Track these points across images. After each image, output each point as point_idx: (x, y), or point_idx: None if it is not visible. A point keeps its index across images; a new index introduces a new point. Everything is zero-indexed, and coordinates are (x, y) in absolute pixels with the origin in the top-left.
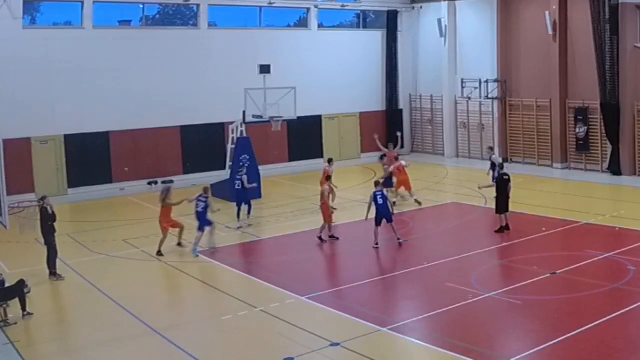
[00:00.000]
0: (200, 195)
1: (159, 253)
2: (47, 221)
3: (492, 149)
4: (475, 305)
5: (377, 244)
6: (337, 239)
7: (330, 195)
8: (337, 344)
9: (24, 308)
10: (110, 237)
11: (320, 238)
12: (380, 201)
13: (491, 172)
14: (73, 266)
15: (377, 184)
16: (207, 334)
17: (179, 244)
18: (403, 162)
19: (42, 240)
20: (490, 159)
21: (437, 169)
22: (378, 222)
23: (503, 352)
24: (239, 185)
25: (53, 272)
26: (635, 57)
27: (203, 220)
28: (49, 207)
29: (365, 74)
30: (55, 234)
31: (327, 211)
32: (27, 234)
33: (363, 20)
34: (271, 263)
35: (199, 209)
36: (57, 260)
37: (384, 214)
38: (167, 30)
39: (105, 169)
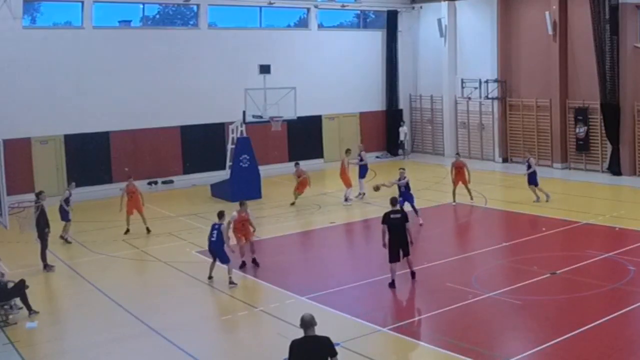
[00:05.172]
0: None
1: None
2: (45, 215)
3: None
4: (475, 305)
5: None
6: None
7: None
8: (337, 344)
9: (29, 308)
10: (110, 237)
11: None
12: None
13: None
14: (73, 266)
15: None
16: (207, 334)
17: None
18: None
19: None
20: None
21: (437, 169)
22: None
23: (503, 352)
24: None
25: (46, 264)
26: (635, 57)
27: None
28: (44, 202)
29: (365, 74)
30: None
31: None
32: (27, 234)
33: (363, 20)
34: (271, 263)
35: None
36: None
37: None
38: (167, 30)
39: (105, 169)
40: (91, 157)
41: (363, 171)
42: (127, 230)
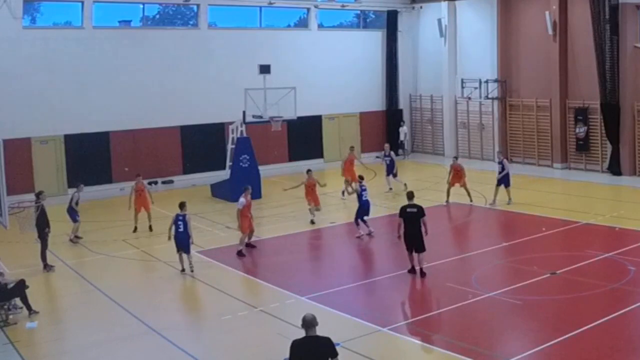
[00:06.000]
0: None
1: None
2: (45, 215)
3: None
4: (475, 305)
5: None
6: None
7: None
8: (337, 344)
9: (29, 308)
10: (110, 237)
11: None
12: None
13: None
14: (73, 266)
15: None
16: (207, 334)
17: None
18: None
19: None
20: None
21: (437, 169)
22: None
23: (503, 352)
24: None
25: (45, 264)
26: (635, 57)
27: None
28: (44, 202)
29: (365, 74)
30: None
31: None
32: (27, 234)
33: (363, 20)
34: (271, 263)
35: None
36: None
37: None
38: (167, 30)
39: (105, 169)
40: (91, 157)
41: (391, 168)
42: (135, 229)
